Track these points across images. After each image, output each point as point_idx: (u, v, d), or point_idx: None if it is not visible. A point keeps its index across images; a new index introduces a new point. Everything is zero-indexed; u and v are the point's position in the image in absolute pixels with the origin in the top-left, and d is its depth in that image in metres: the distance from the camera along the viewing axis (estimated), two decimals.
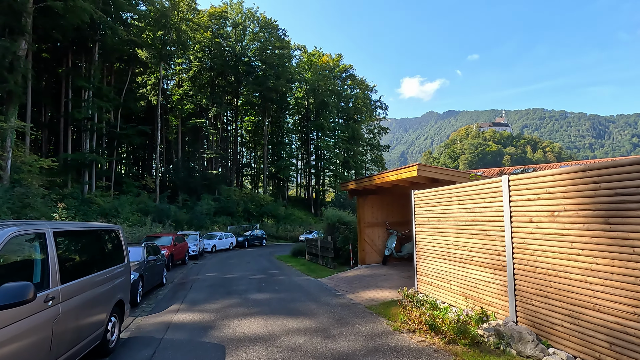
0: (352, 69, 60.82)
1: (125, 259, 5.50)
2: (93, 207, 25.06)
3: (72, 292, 3.66)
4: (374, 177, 9.00)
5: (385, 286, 8.45)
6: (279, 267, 14.16)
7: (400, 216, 11.84)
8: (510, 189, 4.44)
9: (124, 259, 5.47)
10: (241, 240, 27.91)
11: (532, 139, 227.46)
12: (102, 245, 4.91)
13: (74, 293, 3.69)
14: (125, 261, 5.50)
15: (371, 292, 8.05)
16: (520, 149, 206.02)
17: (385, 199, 11.64)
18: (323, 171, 58.04)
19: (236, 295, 8.55)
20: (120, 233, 5.53)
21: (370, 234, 11.28)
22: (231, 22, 47.99)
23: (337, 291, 8.46)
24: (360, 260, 11.20)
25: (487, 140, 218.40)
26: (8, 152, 19.98)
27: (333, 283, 9.49)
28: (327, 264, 12.68)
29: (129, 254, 5.78)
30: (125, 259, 5.50)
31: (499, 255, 4.64)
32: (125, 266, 5.48)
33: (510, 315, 4.39)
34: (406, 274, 9.77)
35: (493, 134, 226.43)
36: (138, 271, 8.01)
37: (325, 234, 13.94)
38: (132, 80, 37.61)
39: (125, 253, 5.53)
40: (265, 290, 8.97)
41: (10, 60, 19.80)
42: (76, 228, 4.14)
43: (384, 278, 9.37)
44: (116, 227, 5.51)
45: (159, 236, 16.23)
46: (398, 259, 11.43)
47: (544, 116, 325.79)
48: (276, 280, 10.52)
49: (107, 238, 5.14)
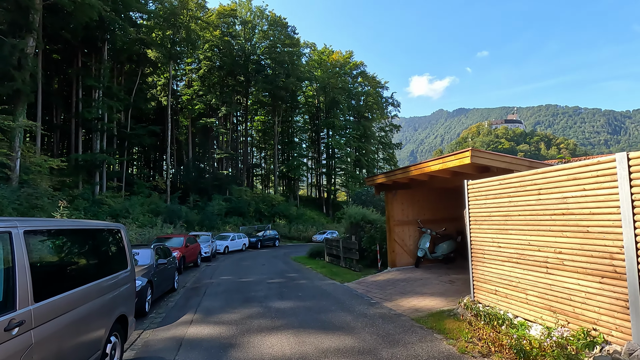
0: (364, 66, 59.65)
1: (128, 265, 4.56)
2: (104, 208, 24.58)
3: (52, 312, 2.71)
4: (409, 168, 7.91)
5: (426, 293, 7.35)
6: (297, 269, 13.17)
7: (434, 213, 10.71)
8: (631, 170, 3.32)
9: (127, 265, 4.53)
10: (254, 241, 27.07)
11: (546, 136, 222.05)
12: (98, 248, 3.97)
13: (54, 313, 2.73)
14: (129, 267, 4.56)
15: (411, 299, 6.97)
16: (533, 145, 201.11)
17: (417, 194, 10.53)
18: (334, 170, 56.94)
19: (256, 302, 7.57)
20: (123, 233, 4.59)
21: (400, 233, 10.18)
22: (240, 20, 47.38)
23: (371, 298, 7.40)
24: (390, 262, 10.10)
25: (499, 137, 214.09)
26: (17, 152, 19.52)
27: (363, 288, 8.44)
28: (351, 266, 11.62)
29: (134, 257, 4.84)
30: (129, 264, 4.56)
31: (611, 259, 3.52)
32: (129, 273, 4.54)
33: (634, 339, 3.27)
34: (445, 277, 8.65)
35: (505, 131, 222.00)
36: (146, 276, 7.11)
37: (348, 233, 12.88)
38: (142, 80, 37.30)
39: (129, 257, 4.60)
40: (287, 297, 7.97)
41: (17, 58, 19.35)
42: (59, 226, 3.19)
43: (421, 283, 8.27)
44: (118, 225, 4.58)
45: (170, 237, 15.45)
46: (432, 260, 10.29)
47: (557, 112, 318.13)
48: (298, 285, 9.51)
49: (106, 239, 4.21)
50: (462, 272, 9.15)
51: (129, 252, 4.60)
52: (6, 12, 19.17)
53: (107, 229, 4.24)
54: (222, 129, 44.89)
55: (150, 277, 7.29)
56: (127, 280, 4.44)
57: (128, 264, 4.55)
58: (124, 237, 4.56)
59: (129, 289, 4.50)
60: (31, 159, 20.86)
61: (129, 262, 4.58)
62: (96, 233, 3.95)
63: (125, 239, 4.60)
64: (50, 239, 3.08)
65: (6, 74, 18.70)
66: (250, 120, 55.51)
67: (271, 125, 52.57)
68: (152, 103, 40.47)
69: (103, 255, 4.06)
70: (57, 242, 3.19)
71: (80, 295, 3.17)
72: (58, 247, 3.22)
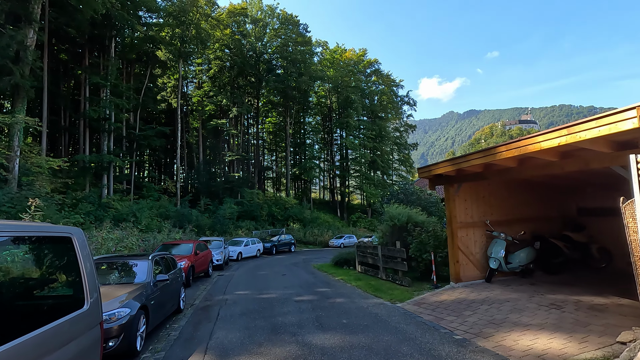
0: (378, 63, 57.64)
1: (87, 298, 2.56)
2: (110, 212, 23.04)
3: None
4: (497, 150, 5.72)
5: (532, 325, 5.15)
6: (326, 281, 11.06)
7: (503, 212, 8.49)
8: None
9: (85, 299, 2.53)
10: (268, 246, 25.10)
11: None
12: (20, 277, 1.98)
13: None
14: (87, 303, 2.55)
15: (516, 336, 4.79)
16: None
17: (481, 188, 8.34)
18: (348, 172, 54.75)
19: (288, 335, 5.51)
20: (77, 244, 2.59)
21: (463, 239, 7.99)
22: (251, 19, 46.08)
23: (451, 332, 5.24)
24: (453, 275, 7.89)
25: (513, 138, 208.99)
26: (15, 152, 18.07)
27: (429, 313, 6.28)
28: (395, 279, 9.46)
29: (97, 284, 2.81)
30: (86, 297, 2.56)
31: None
32: (88, 312, 2.54)
33: None
34: (540, 299, 6.41)
35: (520, 132, 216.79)
36: (139, 300, 5.13)
37: (388, 238, 10.71)
38: (152, 82, 36.17)
39: (87, 285, 2.59)
40: (330, 326, 5.88)
41: (16, 50, 17.99)
42: None
43: (512, 307, 6.06)
44: (68, 231, 2.58)
45: (177, 243, 13.57)
46: (506, 273, 8.06)
47: (571, 112, 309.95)
48: (337, 307, 7.41)
49: (40, 257, 2.22)
50: (557, 289, 6.91)
51: (87, 275, 2.60)
52: (4, 0, 17.87)
53: (41, 238, 2.25)
54: (233, 129, 43.39)
55: (144, 300, 5.30)
56: (83, 328, 2.44)
57: (86, 297, 2.55)
58: (78, 251, 2.56)
59: (88, 343, 2.50)
60: (32, 160, 19.41)
61: (87, 292, 2.57)
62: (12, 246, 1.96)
63: (82, 254, 2.59)
64: None
65: (3, 67, 17.34)
66: (262, 122, 54.00)
67: (282, 126, 51.00)
68: (162, 105, 39.32)
69: (26, 292, 2.06)
70: None
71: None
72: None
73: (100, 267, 6.18)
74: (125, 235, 13.79)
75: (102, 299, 5.00)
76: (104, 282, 5.74)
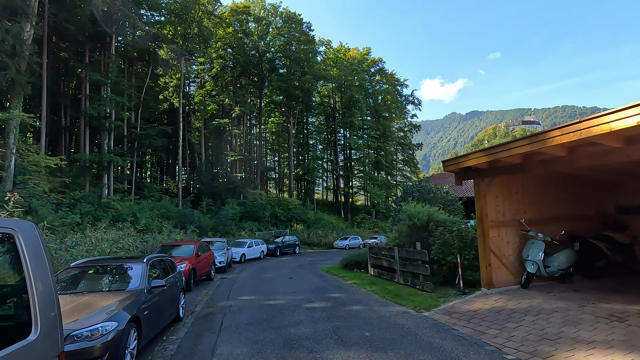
0: (382, 62, 56.90)
1: (33, 327, 1.75)
2: (109, 212, 22.31)
3: None
4: (548, 134, 4.88)
5: (597, 342, 4.32)
6: (337, 286, 10.24)
7: (538, 210, 7.64)
8: None
9: (32, 326, 1.73)
10: (272, 247, 24.30)
11: None
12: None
13: None
14: (34, 334, 1.75)
15: (583, 356, 3.96)
16: None
17: (514, 183, 7.50)
18: (352, 172, 53.90)
19: (304, 352, 4.69)
20: (21, 243, 1.79)
21: (495, 240, 7.16)
22: (254, 17, 45.47)
23: (499, 349, 4.41)
24: (485, 280, 7.05)
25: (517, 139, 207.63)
26: (11, 149, 17.39)
27: (465, 325, 5.45)
28: (414, 284, 8.63)
29: (56, 300, 2.00)
30: (34, 325, 1.75)
31: None
32: (36, 348, 1.74)
33: None
34: (593, 308, 5.56)
35: (523, 133, 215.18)
36: (130, 311, 4.34)
37: (404, 239, 9.87)
38: (154, 81, 35.54)
39: (36, 304, 1.79)
40: (351, 341, 5.06)
41: (12, 44, 17.35)
42: None
43: (564, 319, 5.22)
44: (7, 225, 1.79)
45: (177, 245, 12.79)
46: (544, 278, 7.22)
47: (575, 113, 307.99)
48: (354, 315, 6.59)
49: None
50: (609, 297, 6.06)
51: (37, 287, 1.80)
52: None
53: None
54: (236, 129, 42.74)
55: (136, 311, 4.51)
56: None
57: (34, 320, 1.75)
58: (23, 253, 1.76)
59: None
60: (29, 158, 18.74)
61: (36, 313, 1.77)
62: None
63: (29, 257, 1.80)
64: None
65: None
66: (264, 122, 53.33)
67: (285, 127, 50.32)
68: (163, 105, 38.69)
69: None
70: None
71: None
72: None
73: (87, 271, 5.40)
74: (122, 235, 13.02)
75: (85, 310, 4.22)
76: (89, 289, 4.96)
